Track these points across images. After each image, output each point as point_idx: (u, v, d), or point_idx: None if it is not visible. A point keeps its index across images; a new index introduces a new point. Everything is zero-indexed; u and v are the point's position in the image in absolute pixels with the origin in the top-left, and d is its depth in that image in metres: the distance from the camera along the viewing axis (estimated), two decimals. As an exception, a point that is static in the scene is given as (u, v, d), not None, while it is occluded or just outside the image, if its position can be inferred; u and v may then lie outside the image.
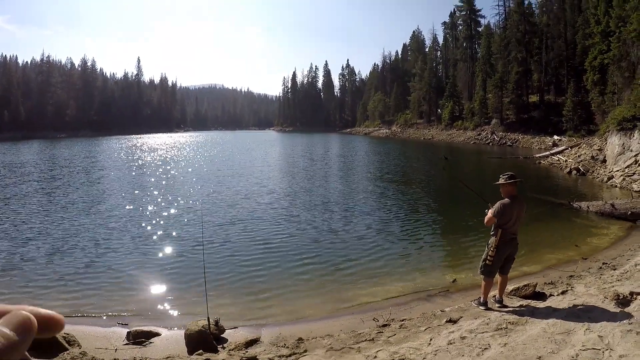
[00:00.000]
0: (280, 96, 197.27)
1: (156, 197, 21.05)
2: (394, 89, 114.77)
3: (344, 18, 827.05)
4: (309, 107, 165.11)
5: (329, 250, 12.49)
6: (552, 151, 40.37)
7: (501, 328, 6.18)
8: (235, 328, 7.74)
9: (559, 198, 18.92)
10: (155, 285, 9.96)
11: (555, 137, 51.70)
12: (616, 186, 22.13)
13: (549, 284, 8.71)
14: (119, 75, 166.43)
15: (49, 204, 19.33)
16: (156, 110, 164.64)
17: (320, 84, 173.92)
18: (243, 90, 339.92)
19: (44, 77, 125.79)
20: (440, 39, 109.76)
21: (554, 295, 7.60)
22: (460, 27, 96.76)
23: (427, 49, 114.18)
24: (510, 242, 7.03)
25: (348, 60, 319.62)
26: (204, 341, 6.70)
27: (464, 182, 9.53)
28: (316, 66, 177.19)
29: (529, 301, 7.44)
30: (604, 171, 25.77)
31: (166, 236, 14.11)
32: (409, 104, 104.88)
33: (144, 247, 12.86)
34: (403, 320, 7.41)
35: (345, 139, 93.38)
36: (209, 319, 7.05)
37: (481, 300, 7.39)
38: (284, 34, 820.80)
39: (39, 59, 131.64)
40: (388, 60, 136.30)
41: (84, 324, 8.12)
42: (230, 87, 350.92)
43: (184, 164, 39.51)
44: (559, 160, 33.88)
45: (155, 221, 16.04)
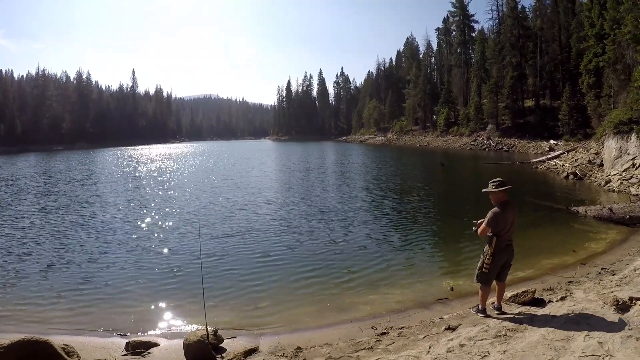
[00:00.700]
0: (275, 105, 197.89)
1: (153, 209, 20.99)
2: (389, 96, 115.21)
3: (337, 26, 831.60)
4: (304, 116, 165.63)
5: (327, 259, 12.44)
6: (548, 156, 40.47)
7: (500, 335, 6.15)
8: (233, 337, 7.71)
9: (556, 203, 18.92)
10: (154, 295, 9.91)
11: (552, 141, 51.84)
12: (614, 190, 22.14)
13: (547, 290, 8.69)
14: (114, 87, 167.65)
15: (44, 217, 19.24)
16: (151, 122, 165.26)
17: (315, 92, 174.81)
18: (238, 100, 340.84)
19: (39, 90, 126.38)
20: (434, 45, 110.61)
21: (552, 302, 7.58)
22: (454, 33, 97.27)
23: (421, 56, 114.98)
24: (506, 249, 6.97)
25: (342, 68, 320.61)
26: (203, 351, 6.67)
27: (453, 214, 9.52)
28: (310, 75, 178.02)
29: (528, 308, 7.41)
30: (601, 175, 25.78)
31: (164, 247, 14.05)
32: (404, 110, 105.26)
33: (141, 258, 12.80)
34: (402, 329, 7.39)
35: (341, 147, 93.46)
36: (207, 329, 7.02)
37: (480, 307, 7.36)
38: (278, 43, 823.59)
39: (34, 72, 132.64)
40: (382, 68, 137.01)
41: (82, 335, 8.09)
42: (225, 97, 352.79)
43: (180, 175, 39.47)
44: (555, 165, 33.95)
45: (152, 232, 16.00)
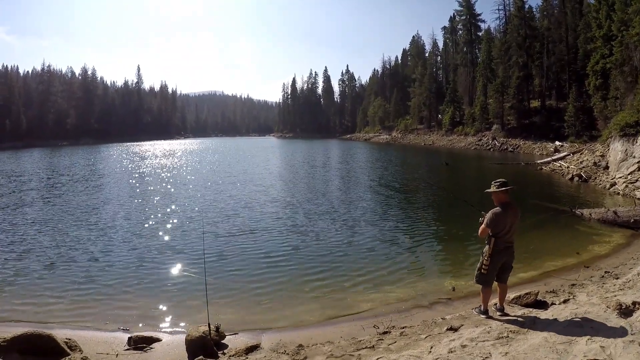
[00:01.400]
0: (280, 102, 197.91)
1: (156, 205, 21.05)
2: (394, 94, 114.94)
3: (343, 24, 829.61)
4: (309, 113, 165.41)
5: (329, 257, 12.46)
6: (553, 157, 40.24)
7: (502, 337, 6.14)
8: (235, 334, 7.73)
9: (560, 205, 18.85)
10: (157, 291, 9.96)
11: (557, 142, 51.61)
12: (619, 193, 22.03)
13: (550, 292, 8.67)
14: (119, 83, 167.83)
15: (47, 213, 19.27)
16: (156, 118, 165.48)
17: (320, 90, 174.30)
18: (243, 96, 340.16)
19: (44, 86, 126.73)
20: (440, 44, 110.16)
21: (555, 304, 7.56)
22: (460, 32, 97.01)
23: (427, 54, 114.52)
24: (505, 251, 6.93)
25: (348, 66, 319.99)
26: (205, 347, 6.70)
27: (458, 195, 9.48)
28: (316, 72, 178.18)
29: (531, 310, 7.39)
30: (607, 178, 25.64)
31: (167, 243, 14.12)
32: (409, 109, 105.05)
33: (145, 255, 12.85)
34: (404, 328, 7.39)
35: (346, 145, 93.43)
36: (209, 325, 7.06)
37: (482, 308, 7.34)
38: (283, 40, 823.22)
39: (39, 68, 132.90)
40: (388, 66, 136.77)
41: (85, 329, 8.15)
42: (230, 94, 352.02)
43: (184, 171, 39.54)
44: (560, 167, 33.80)
45: (156, 229, 16.06)
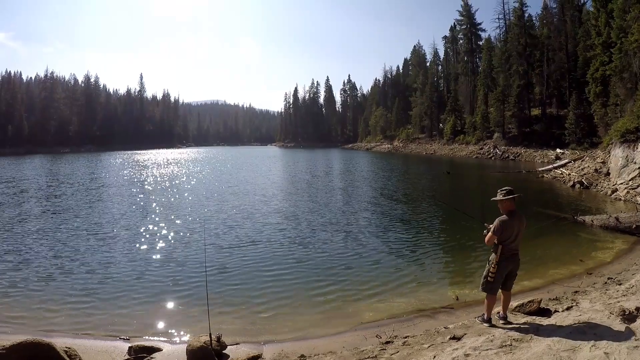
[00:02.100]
0: (281, 112, 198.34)
1: (158, 215, 21.01)
2: (396, 103, 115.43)
3: (345, 34, 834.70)
4: (311, 123, 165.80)
5: (332, 267, 12.41)
6: (555, 165, 40.29)
7: (505, 345, 6.10)
8: (237, 344, 7.68)
9: (562, 212, 18.84)
10: (158, 300, 9.91)
11: (558, 150, 51.69)
12: (620, 199, 22.03)
13: (553, 299, 8.63)
14: (122, 91, 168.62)
15: (47, 221, 19.14)
16: (158, 126, 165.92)
17: (321, 99, 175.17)
18: (245, 106, 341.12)
19: (47, 92, 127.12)
20: (441, 53, 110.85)
21: (558, 312, 7.52)
22: (461, 41, 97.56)
23: (428, 64, 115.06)
24: (512, 258, 6.93)
25: (349, 75, 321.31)
26: (206, 357, 6.65)
27: (458, 207, 9.42)
28: (317, 82, 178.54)
29: (534, 317, 7.35)
30: (608, 184, 25.64)
31: (169, 252, 14.07)
32: (411, 118, 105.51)
33: (146, 264, 12.81)
34: (406, 337, 7.34)
35: (347, 154, 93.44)
36: (210, 335, 7.00)
37: (485, 317, 7.30)
38: (285, 50, 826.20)
39: (42, 75, 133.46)
40: (389, 75, 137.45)
41: (85, 338, 8.10)
42: (232, 103, 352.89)
43: (185, 180, 39.52)
44: (562, 174, 33.79)
45: (157, 238, 16.01)
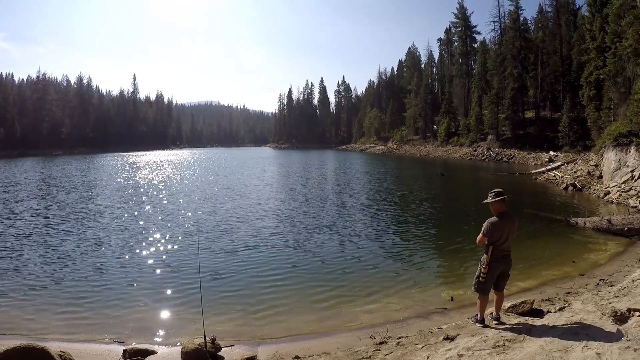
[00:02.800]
0: (276, 113, 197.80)
1: (151, 217, 20.94)
2: (390, 105, 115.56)
3: (340, 35, 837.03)
4: (305, 124, 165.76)
5: (326, 268, 12.44)
6: (548, 167, 40.47)
7: (498, 345, 6.14)
8: (232, 346, 7.69)
9: (555, 214, 18.92)
10: (152, 303, 9.90)
11: (551, 152, 51.95)
12: (613, 202, 22.15)
13: (546, 300, 8.68)
14: (115, 92, 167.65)
15: (41, 226, 18.94)
16: (152, 128, 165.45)
17: (316, 100, 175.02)
18: (239, 107, 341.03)
19: (39, 94, 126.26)
20: (436, 56, 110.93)
21: (551, 312, 7.57)
22: (456, 44, 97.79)
23: (422, 66, 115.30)
24: (503, 259, 6.99)
25: (344, 76, 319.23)
26: (201, 359, 6.66)
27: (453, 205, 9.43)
28: (312, 83, 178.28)
29: (526, 318, 7.40)
30: (601, 187, 25.79)
31: (162, 255, 14.05)
32: (405, 120, 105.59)
33: (140, 266, 12.79)
34: (400, 338, 7.37)
35: (342, 155, 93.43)
36: (205, 337, 7.00)
37: (478, 317, 7.35)
38: (280, 51, 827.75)
39: (34, 76, 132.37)
40: (384, 77, 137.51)
41: (80, 342, 8.09)
42: (226, 104, 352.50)
43: (179, 182, 39.45)
44: (555, 176, 33.94)
45: (151, 241, 15.97)
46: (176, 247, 14.89)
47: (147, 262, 13.24)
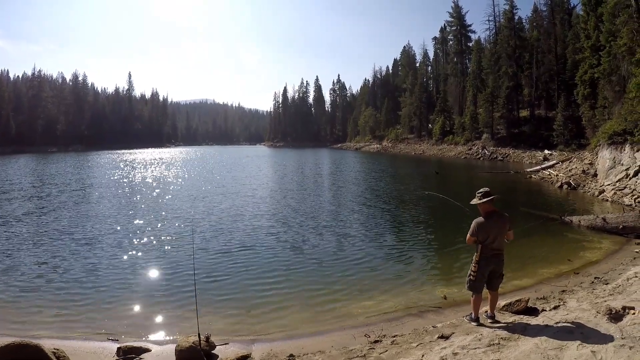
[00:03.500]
0: (271, 111, 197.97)
1: (146, 215, 20.87)
2: (385, 104, 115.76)
3: (335, 33, 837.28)
4: (300, 122, 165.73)
5: (320, 266, 12.41)
6: (543, 165, 40.59)
7: (493, 344, 6.13)
8: (226, 344, 7.65)
9: (550, 212, 18.93)
10: (146, 301, 9.85)
11: (546, 151, 52.07)
12: (607, 200, 22.20)
13: (541, 299, 8.68)
14: (110, 90, 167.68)
15: (34, 224, 18.85)
16: (147, 125, 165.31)
17: (311, 99, 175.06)
18: (234, 105, 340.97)
19: (34, 91, 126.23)
20: (431, 54, 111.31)
21: (546, 310, 7.57)
22: (451, 42, 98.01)
23: (417, 64, 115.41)
24: (493, 258, 6.98)
25: (339, 75, 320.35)
26: (195, 357, 6.64)
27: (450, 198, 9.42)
28: (307, 81, 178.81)
29: (521, 316, 7.40)
30: (595, 185, 25.87)
31: (157, 252, 13.99)
32: (400, 119, 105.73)
33: (134, 264, 12.73)
34: (395, 336, 7.36)
35: (337, 154, 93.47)
36: (199, 335, 6.97)
37: (473, 316, 7.35)
38: (275, 49, 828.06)
39: (30, 73, 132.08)
40: (379, 76, 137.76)
41: (74, 339, 8.03)
42: (222, 102, 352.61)
43: (174, 179, 39.36)
44: (549, 175, 34.03)
45: (145, 238, 15.89)
46: (171, 246, 14.80)
47: (141, 260, 13.16)
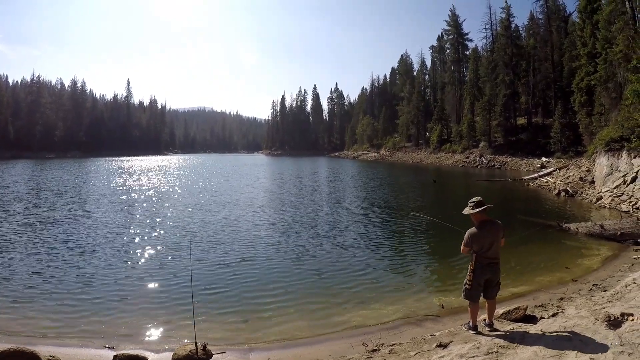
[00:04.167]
0: (269, 119, 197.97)
1: (143, 222, 20.78)
2: (383, 112, 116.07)
3: (333, 42, 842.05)
4: (298, 131, 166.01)
5: (318, 274, 12.36)
6: (540, 173, 40.67)
7: (492, 352, 6.10)
8: (223, 352, 7.59)
9: (548, 220, 18.95)
10: (143, 309, 9.78)
11: (544, 159, 52.25)
12: (605, 207, 22.25)
13: (539, 306, 8.66)
14: (109, 96, 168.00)
15: (30, 231, 18.71)
16: (145, 132, 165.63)
17: (309, 107, 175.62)
18: (232, 113, 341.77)
19: (33, 97, 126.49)
20: (428, 63, 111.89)
21: (544, 318, 7.54)
22: (448, 51, 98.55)
23: (415, 73, 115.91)
24: (488, 267, 6.95)
25: (337, 83, 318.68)
26: (191, 366, 6.59)
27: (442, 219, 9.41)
28: (305, 90, 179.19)
29: (520, 324, 7.37)
30: (593, 192, 25.90)
31: (154, 260, 13.92)
32: (397, 127, 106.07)
33: (131, 272, 12.65)
34: (393, 345, 7.32)
35: (334, 163, 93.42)
36: (196, 343, 6.94)
37: (471, 324, 7.31)
38: (273, 58, 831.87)
39: (29, 78, 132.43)
40: (376, 84, 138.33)
41: (70, 346, 7.96)
42: (220, 110, 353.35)
43: (172, 187, 39.29)
44: (547, 182, 34.09)
45: (142, 246, 15.82)
46: (168, 254, 14.73)
47: (138, 269, 13.08)
